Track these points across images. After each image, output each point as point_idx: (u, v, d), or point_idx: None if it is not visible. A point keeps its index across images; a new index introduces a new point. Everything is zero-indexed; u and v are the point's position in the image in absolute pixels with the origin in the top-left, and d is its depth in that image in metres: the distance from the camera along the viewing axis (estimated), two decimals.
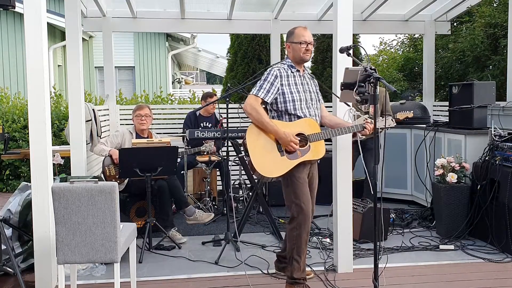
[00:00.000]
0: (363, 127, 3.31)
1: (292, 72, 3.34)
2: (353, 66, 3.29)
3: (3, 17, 11.45)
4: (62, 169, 6.54)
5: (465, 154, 4.65)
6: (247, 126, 3.27)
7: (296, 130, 3.23)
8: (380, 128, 3.29)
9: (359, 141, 3.39)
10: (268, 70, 3.32)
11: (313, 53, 3.38)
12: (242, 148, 3.27)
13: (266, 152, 3.18)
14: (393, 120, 3.52)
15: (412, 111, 5.29)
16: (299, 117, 3.28)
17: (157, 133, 5.46)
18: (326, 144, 3.36)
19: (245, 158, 3.22)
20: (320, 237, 4.48)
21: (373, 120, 3.31)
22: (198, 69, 25.11)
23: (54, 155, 4.08)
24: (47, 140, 3.33)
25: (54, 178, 3.68)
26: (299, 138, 3.21)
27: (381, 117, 3.34)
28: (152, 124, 5.07)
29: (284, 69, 3.32)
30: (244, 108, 3.21)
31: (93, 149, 4.86)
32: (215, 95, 6.16)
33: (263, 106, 3.25)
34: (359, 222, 4.35)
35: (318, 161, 3.43)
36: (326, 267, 3.78)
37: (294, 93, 3.27)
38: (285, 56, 3.45)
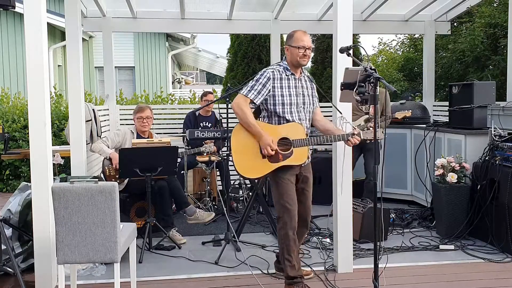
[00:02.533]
0: (347, 139, 3.27)
1: (286, 75, 3.33)
2: (353, 66, 3.29)
3: (3, 17, 11.44)
4: (62, 169, 6.55)
5: (465, 154, 4.65)
6: None
7: (282, 134, 3.25)
8: (367, 139, 3.27)
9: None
10: (262, 71, 3.32)
11: (311, 56, 3.35)
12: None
13: (248, 152, 3.21)
14: (383, 132, 3.48)
15: (410, 110, 5.29)
16: (287, 120, 3.29)
17: (157, 133, 5.45)
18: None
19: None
20: (320, 237, 4.48)
21: (360, 132, 3.28)
22: (198, 69, 25.10)
23: (54, 155, 4.08)
24: (47, 140, 3.33)
25: (54, 178, 3.68)
26: (278, 149, 3.19)
27: (367, 129, 3.31)
28: (152, 124, 5.07)
29: (279, 71, 3.31)
30: (232, 106, 3.26)
31: (91, 146, 4.83)
32: (211, 93, 6.14)
33: (252, 106, 3.27)
34: (359, 222, 4.35)
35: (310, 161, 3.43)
36: (326, 267, 3.79)
37: (285, 96, 3.28)
38: (284, 57, 3.42)
